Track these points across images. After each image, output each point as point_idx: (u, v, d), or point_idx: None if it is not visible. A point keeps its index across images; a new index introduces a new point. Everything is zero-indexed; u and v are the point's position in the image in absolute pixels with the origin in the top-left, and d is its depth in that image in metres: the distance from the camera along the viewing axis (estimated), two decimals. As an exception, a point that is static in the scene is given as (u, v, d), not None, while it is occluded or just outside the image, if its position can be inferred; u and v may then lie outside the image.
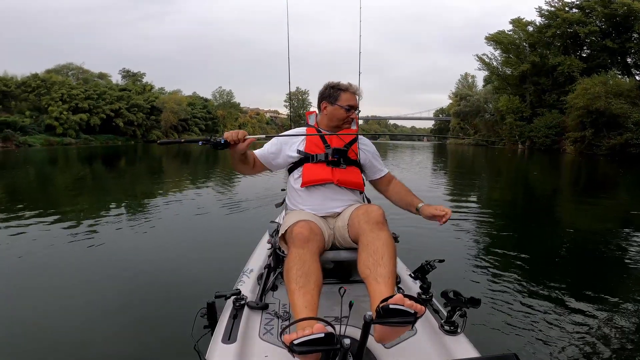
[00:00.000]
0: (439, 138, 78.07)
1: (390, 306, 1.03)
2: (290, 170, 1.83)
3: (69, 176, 10.75)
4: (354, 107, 1.82)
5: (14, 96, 35.45)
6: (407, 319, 1.04)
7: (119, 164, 15.49)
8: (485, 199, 7.61)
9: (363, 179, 1.86)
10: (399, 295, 1.05)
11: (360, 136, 1.89)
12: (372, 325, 1.07)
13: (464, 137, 55.76)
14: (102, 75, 47.67)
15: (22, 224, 4.39)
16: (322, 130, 1.84)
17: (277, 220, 2.14)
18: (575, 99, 30.02)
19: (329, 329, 1.01)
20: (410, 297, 1.06)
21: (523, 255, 3.47)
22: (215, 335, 1.35)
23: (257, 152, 1.81)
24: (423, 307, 1.07)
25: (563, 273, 3.03)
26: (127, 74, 50.49)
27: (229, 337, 1.29)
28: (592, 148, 28.87)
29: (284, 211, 1.97)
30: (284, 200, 1.98)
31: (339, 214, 1.72)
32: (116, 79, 49.39)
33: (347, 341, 0.98)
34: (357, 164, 1.82)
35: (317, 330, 0.99)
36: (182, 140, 1.84)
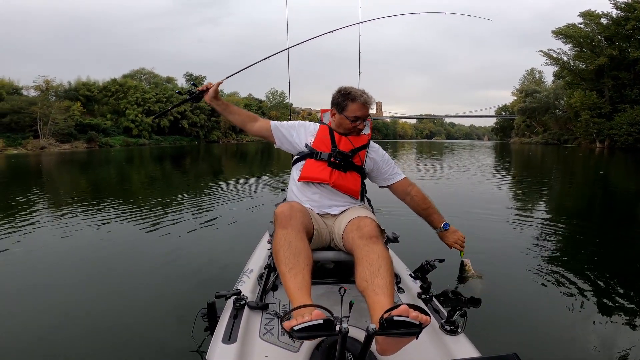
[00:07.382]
0: (502, 137, 72.89)
1: (395, 317, 1.00)
2: (295, 163, 1.86)
3: (141, 175, 11.66)
4: (361, 118, 1.79)
5: (97, 100, 39.72)
6: (411, 330, 1.01)
7: (183, 163, 16.44)
8: (512, 198, 6.88)
9: (363, 186, 1.87)
10: (403, 306, 1.01)
11: (371, 142, 1.88)
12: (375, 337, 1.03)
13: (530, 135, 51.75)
14: (169, 79, 51.38)
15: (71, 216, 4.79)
16: (334, 131, 1.84)
17: None
18: (664, 93, 26.64)
19: (328, 315, 1.02)
20: (415, 308, 1.02)
21: (525, 254, 3.24)
22: (215, 335, 1.34)
23: (274, 121, 1.90)
24: (428, 318, 1.03)
25: (568, 272, 2.80)
26: (190, 78, 54.08)
27: (230, 337, 1.28)
28: (684, 147, 25.59)
29: None
30: (285, 199, 2.01)
31: (335, 216, 1.74)
32: (181, 82, 53.16)
33: (345, 326, 0.98)
34: (360, 170, 1.80)
35: (315, 317, 1.01)
36: (169, 108, 2.44)
